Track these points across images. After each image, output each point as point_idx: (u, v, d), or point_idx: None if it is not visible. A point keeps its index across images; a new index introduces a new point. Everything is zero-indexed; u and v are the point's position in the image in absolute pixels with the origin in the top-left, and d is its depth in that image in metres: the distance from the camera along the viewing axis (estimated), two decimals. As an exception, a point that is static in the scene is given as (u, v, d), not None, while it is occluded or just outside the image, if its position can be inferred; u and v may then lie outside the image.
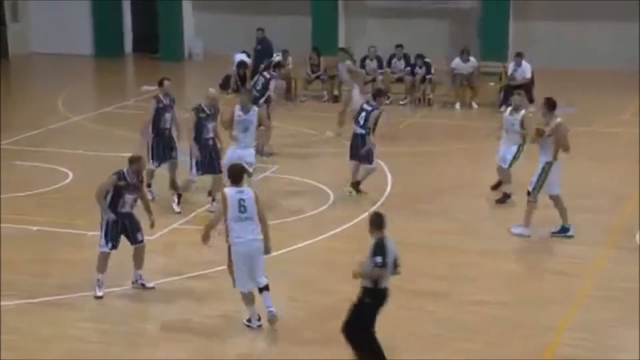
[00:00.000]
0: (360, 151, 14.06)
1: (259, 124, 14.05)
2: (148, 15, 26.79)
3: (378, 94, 14.81)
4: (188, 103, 16.29)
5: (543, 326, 10.02)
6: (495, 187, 14.35)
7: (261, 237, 9.77)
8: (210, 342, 9.71)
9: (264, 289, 9.81)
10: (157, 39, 26.58)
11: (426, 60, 21.09)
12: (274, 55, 21.17)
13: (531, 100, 20.20)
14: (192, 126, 13.57)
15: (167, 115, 14.04)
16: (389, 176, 15.09)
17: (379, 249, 8.88)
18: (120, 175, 10.69)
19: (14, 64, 26.60)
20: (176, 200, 13.76)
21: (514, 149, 13.79)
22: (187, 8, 26.63)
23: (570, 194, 14.45)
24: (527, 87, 20.23)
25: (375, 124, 14.07)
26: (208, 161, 13.63)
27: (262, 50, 21.41)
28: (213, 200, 13.55)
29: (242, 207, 9.63)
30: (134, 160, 10.83)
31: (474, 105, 20.50)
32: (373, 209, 13.64)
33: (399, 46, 21.47)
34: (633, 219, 13.19)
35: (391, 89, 21.18)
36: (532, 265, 11.79)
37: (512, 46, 23.92)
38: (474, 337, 9.79)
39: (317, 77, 21.77)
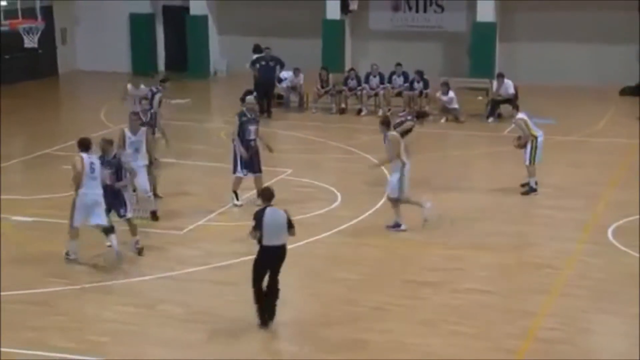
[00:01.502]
0: None
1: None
2: (178, 38, 26.80)
3: (421, 115, 15.69)
4: (214, 113, 16.31)
5: (526, 312, 9.96)
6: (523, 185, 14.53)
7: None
8: (231, 325, 9.66)
9: None
10: (186, 59, 26.58)
11: (424, 77, 21.03)
12: (279, 70, 21.19)
13: (517, 110, 20.11)
14: (235, 129, 13.55)
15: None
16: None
17: (255, 216, 9.26)
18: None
19: (63, 81, 26.68)
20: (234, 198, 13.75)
21: (528, 147, 14.15)
22: (212, 31, 26.63)
23: (551, 195, 14.44)
24: (511, 102, 20.17)
25: (406, 132, 14.61)
26: (249, 161, 13.58)
27: (271, 67, 21.30)
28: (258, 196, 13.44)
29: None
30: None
31: (463, 118, 20.34)
32: (374, 209, 13.63)
33: (399, 64, 21.42)
34: (605, 217, 13.11)
35: (392, 102, 21.15)
36: (516, 258, 11.69)
37: (498, 65, 23.84)
38: (464, 321, 9.71)
39: (326, 92, 21.72)
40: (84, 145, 11.29)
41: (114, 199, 11.35)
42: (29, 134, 19.35)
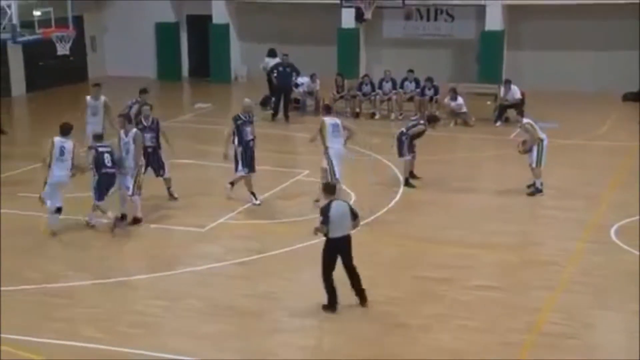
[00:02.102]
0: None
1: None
2: (201, 45, 26.88)
3: (432, 119, 15.38)
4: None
5: (531, 307, 9.93)
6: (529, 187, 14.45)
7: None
8: (250, 318, 9.69)
9: None
10: (208, 65, 26.66)
11: (435, 83, 20.99)
12: (295, 76, 21.22)
13: (522, 115, 20.04)
14: (231, 132, 13.63)
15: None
16: (402, 180, 15.00)
17: (322, 210, 9.45)
18: None
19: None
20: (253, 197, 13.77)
21: (535, 150, 14.10)
22: (233, 38, 26.69)
23: (554, 196, 14.38)
24: (518, 106, 20.11)
25: (417, 135, 14.82)
26: (249, 160, 13.65)
27: (287, 73, 21.32)
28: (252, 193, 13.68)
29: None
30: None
31: (473, 119, 20.31)
32: (387, 208, 13.63)
33: (410, 71, 21.38)
34: (607, 217, 13.04)
35: (403, 107, 21.12)
36: (521, 256, 11.65)
37: (505, 71, 23.76)
38: (473, 315, 9.70)
39: (341, 97, 21.72)
40: (63, 129, 12.45)
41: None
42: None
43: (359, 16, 23.91)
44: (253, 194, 13.78)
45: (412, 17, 25.51)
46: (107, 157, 12.39)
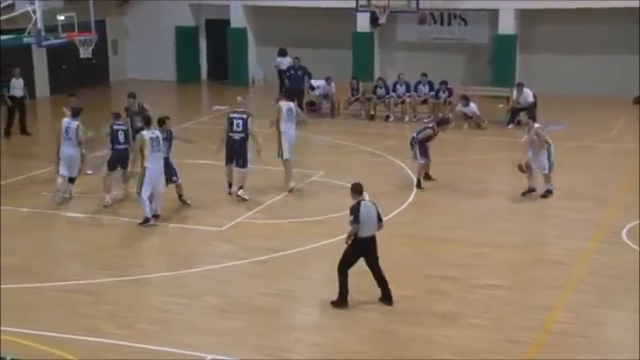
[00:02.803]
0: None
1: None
2: (220, 49, 27.04)
3: (442, 122, 15.28)
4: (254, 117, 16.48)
5: (540, 306, 9.96)
6: (524, 194, 14.20)
7: None
8: (266, 315, 9.80)
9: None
10: (226, 68, 26.81)
11: (449, 86, 21.03)
12: (307, 79, 21.35)
13: (534, 120, 20.02)
14: (226, 127, 14.19)
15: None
16: (414, 181, 15.07)
17: (353, 209, 9.49)
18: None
19: (114, 88, 27.03)
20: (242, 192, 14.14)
21: (545, 154, 13.91)
22: (251, 42, 26.83)
23: (564, 197, 14.39)
24: (530, 109, 20.12)
25: (426, 139, 14.71)
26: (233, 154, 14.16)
27: (299, 76, 21.42)
28: (240, 187, 14.10)
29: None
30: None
31: (486, 122, 20.32)
32: (400, 209, 13.70)
33: (424, 74, 21.42)
34: (616, 218, 13.04)
35: (417, 109, 21.18)
36: (531, 256, 11.69)
37: (518, 74, 23.75)
38: (482, 314, 9.75)
39: (356, 100, 21.81)
40: (72, 112, 14.23)
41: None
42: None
43: (374, 20, 24.03)
44: (241, 187, 14.12)
45: (426, 21, 25.54)
46: (121, 134, 13.88)
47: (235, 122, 14.11)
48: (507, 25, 23.86)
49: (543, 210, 13.88)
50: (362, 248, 9.62)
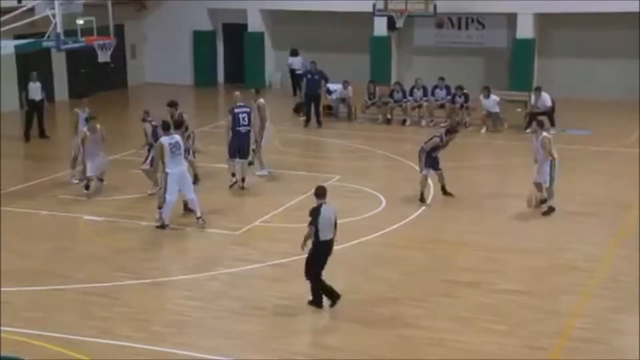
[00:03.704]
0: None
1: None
2: (237, 53, 27.10)
3: (451, 131, 14.50)
4: (271, 122, 16.54)
5: (559, 312, 9.86)
6: (541, 203, 13.59)
7: None
8: (282, 318, 9.76)
9: None
10: (243, 72, 26.86)
11: (465, 91, 20.94)
12: (323, 83, 21.34)
13: (552, 124, 19.95)
14: (230, 122, 14.80)
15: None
16: (432, 185, 14.98)
17: (312, 212, 9.51)
18: None
19: (132, 92, 27.18)
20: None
21: (547, 167, 13.34)
22: (268, 46, 26.87)
23: (584, 202, 14.25)
24: (548, 114, 20.00)
25: (433, 148, 14.10)
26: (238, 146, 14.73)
27: (316, 80, 21.39)
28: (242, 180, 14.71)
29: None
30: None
31: (505, 125, 20.22)
32: (417, 213, 13.62)
33: (441, 78, 21.33)
34: (636, 223, 12.87)
35: (434, 114, 21.10)
36: (549, 261, 11.57)
37: (536, 78, 23.60)
38: (500, 319, 9.65)
39: (373, 104, 21.75)
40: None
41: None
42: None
43: (391, 24, 23.97)
44: (243, 179, 14.70)
45: (444, 25, 25.46)
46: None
47: (240, 116, 14.72)
48: (525, 30, 23.73)
49: (562, 215, 13.72)
50: (324, 250, 9.56)
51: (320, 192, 9.76)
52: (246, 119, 14.85)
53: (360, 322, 9.64)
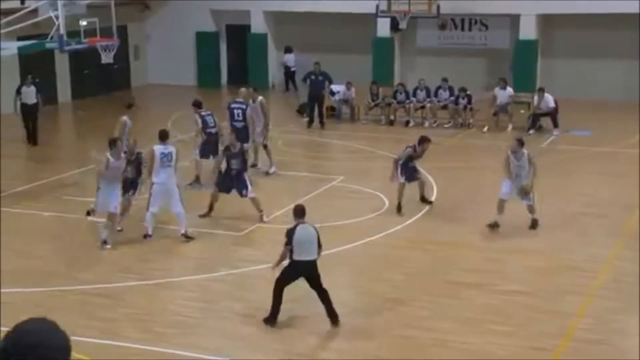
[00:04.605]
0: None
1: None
2: (240, 54, 27.14)
3: (422, 141, 13.92)
4: (271, 123, 16.59)
5: (562, 312, 9.85)
6: (492, 226, 12.65)
7: None
8: (285, 319, 9.74)
9: None
10: (246, 73, 26.88)
11: (468, 92, 20.95)
12: (327, 84, 21.36)
13: (556, 125, 19.96)
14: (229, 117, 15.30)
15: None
16: (435, 187, 14.99)
17: (287, 232, 9.33)
18: None
19: (135, 93, 27.17)
20: None
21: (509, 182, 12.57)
22: (271, 47, 26.90)
23: (587, 203, 14.24)
24: (552, 115, 20.01)
25: (408, 159, 13.70)
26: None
27: (320, 81, 21.42)
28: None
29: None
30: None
31: (510, 127, 20.22)
32: (420, 215, 13.62)
33: (445, 79, 21.34)
34: (638, 224, 12.86)
35: (438, 115, 21.11)
36: (552, 262, 11.57)
37: (539, 79, 23.59)
38: (503, 320, 9.65)
39: (376, 105, 21.76)
40: (111, 143, 12.48)
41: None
42: (103, 142, 19.69)
43: (394, 25, 23.99)
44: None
45: (447, 27, 25.47)
46: (210, 119, 14.87)
47: (235, 112, 15.04)
48: (528, 30, 23.74)
49: (565, 216, 13.72)
50: (297, 271, 9.28)
51: (298, 211, 9.48)
52: (240, 115, 15.07)
53: (363, 322, 9.65)
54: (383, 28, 24.59)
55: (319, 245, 9.36)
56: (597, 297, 10.34)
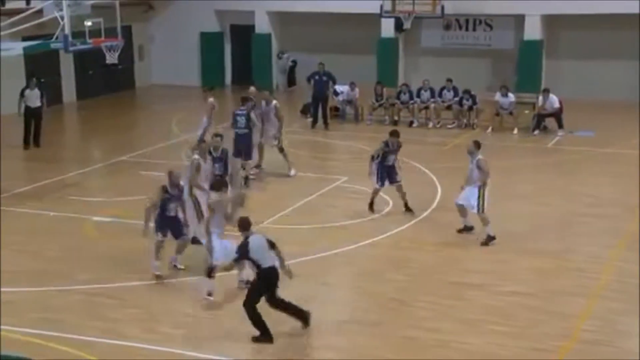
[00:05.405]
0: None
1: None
2: (244, 54, 27.19)
3: (391, 134, 13.84)
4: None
5: (565, 314, 9.87)
6: (460, 231, 12.64)
7: None
8: (288, 319, 9.74)
9: None
10: (251, 73, 26.90)
11: (472, 93, 20.97)
12: (331, 84, 21.38)
13: (560, 126, 19.97)
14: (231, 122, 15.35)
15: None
16: (439, 187, 15.01)
17: (239, 247, 9.27)
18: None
19: (139, 93, 27.29)
20: None
21: (475, 191, 12.23)
22: (275, 48, 26.91)
23: (590, 204, 14.25)
24: (556, 115, 20.02)
25: (384, 156, 13.49)
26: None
27: (324, 81, 21.44)
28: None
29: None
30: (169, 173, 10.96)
31: (515, 131, 20.23)
32: (424, 215, 13.65)
33: (449, 80, 21.34)
34: (643, 225, 12.91)
35: (442, 115, 21.13)
36: (556, 263, 11.58)
37: (544, 80, 23.59)
38: (506, 321, 9.68)
39: (380, 105, 21.79)
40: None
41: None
42: (108, 142, 19.85)
43: (399, 26, 24.02)
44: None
45: (451, 26, 25.48)
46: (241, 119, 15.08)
47: (239, 119, 15.13)
48: (533, 31, 23.74)
49: (568, 217, 13.75)
50: (268, 277, 9.19)
51: (244, 225, 9.31)
52: (243, 123, 15.08)
53: (366, 323, 9.68)
54: (387, 28, 24.61)
55: (273, 247, 9.29)
56: (601, 298, 10.36)
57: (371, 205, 13.69)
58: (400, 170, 13.72)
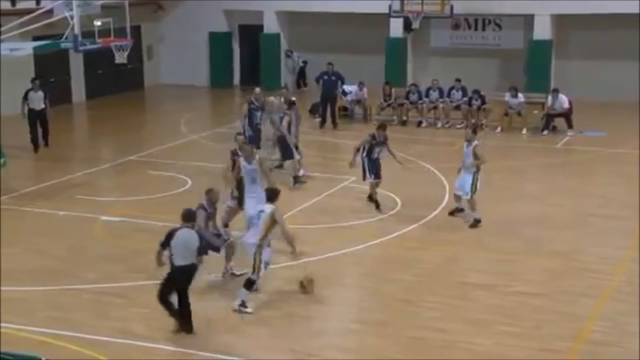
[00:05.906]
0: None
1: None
2: (253, 54, 27.21)
3: (378, 127, 13.95)
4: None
5: (575, 315, 9.83)
6: (452, 213, 13.28)
7: None
8: (296, 319, 9.80)
9: None
10: (259, 73, 26.95)
11: (481, 93, 20.93)
12: (340, 84, 21.33)
13: (570, 126, 19.90)
14: (245, 114, 15.73)
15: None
16: (447, 187, 14.97)
17: (167, 234, 9.26)
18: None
19: (148, 93, 27.34)
20: None
21: (469, 178, 12.78)
22: (284, 48, 26.91)
23: (600, 204, 14.19)
24: (566, 115, 19.96)
25: (370, 149, 13.69)
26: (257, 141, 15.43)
27: (333, 81, 21.42)
28: None
29: None
30: (208, 191, 10.43)
31: (524, 131, 20.17)
32: (433, 215, 13.63)
33: (458, 80, 21.31)
34: (654, 226, 12.85)
35: (450, 115, 21.08)
36: (566, 264, 11.54)
37: (553, 80, 23.51)
38: (515, 322, 9.65)
39: (389, 105, 21.77)
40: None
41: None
42: (116, 142, 19.91)
43: (407, 26, 23.99)
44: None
45: (460, 26, 25.44)
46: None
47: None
48: (542, 31, 23.67)
49: (578, 218, 13.69)
50: (176, 277, 9.19)
51: (184, 215, 9.30)
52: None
53: (374, 323, 9.67)
54: (396, 28, 24.59)
55: (199, 253, 9.29)
56: (612, 300, 10.31)
57: (370, 198, 13.75)
58: (401, 165, 14.03)
